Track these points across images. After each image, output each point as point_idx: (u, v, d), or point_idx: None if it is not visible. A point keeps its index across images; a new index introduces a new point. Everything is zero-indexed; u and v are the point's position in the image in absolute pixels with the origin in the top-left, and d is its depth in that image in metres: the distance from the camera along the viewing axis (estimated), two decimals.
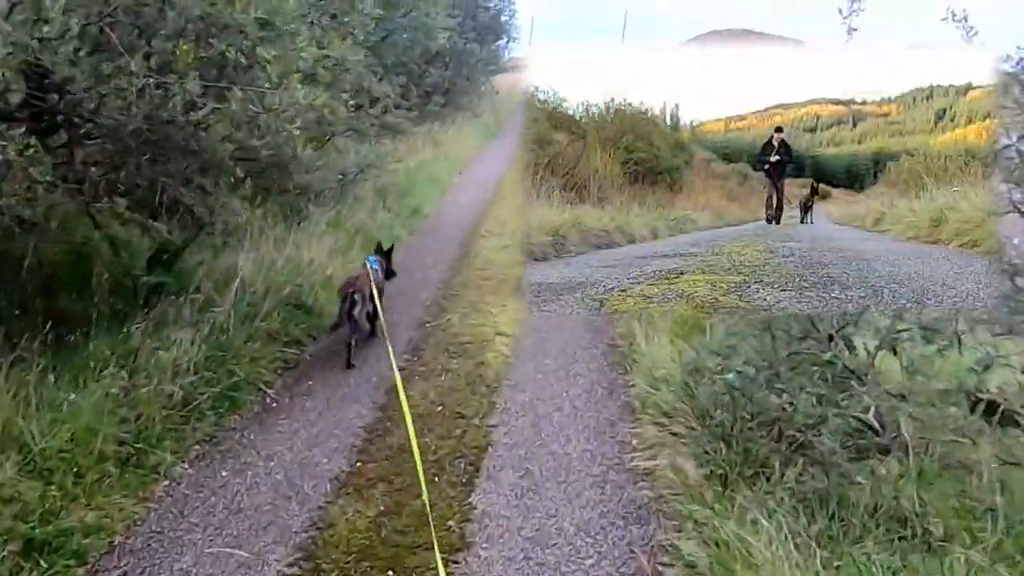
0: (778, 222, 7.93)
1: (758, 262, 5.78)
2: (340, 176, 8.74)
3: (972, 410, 4.10)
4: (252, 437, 4.40)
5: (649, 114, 8.37)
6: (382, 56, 10.13)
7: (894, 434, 3.70)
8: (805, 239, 7.36)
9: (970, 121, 7.08)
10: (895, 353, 3.96)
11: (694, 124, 8.80)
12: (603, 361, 5.52)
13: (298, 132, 4.39)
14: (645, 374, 4.95)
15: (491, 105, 20.19)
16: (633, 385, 5.02)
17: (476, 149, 15.70)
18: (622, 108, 8.32)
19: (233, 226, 6.44)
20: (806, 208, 8.23)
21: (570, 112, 8.08)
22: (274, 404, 4.82)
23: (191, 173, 5.30)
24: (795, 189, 8.24)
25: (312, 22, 5.66)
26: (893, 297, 4.67)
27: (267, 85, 4.21)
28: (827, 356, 3.71)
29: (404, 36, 9.79)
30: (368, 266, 5.99)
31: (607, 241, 7.23)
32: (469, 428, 4.52)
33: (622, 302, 4.87)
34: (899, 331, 3.92)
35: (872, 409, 3.70)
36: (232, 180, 5.17)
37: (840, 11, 3.95)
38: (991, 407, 4.17)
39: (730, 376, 3.70)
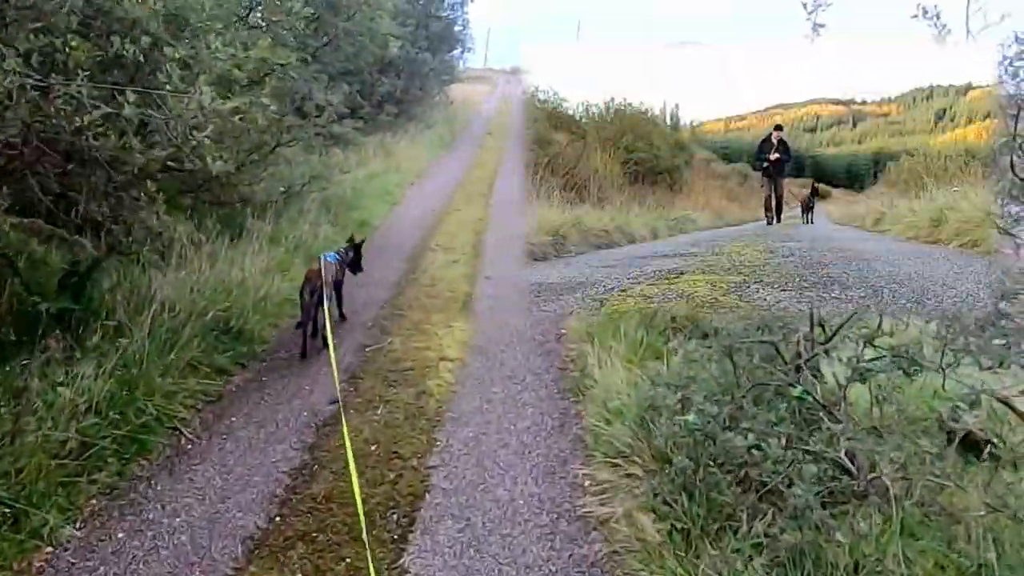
0: (778, 221, 7.75)
1: (758, 262, 5.60)
2: (283, 189, 8.19)
3: (948, 441, 3.74)
4: (159, 487, 3.78)
5: (649, 114, 8.24)
6: (327, 64, 9.56)
7: (871, 475, 3.28)
8: (805, 239, 7.16)
9: (970, 121, 6.98)
10: (863, 381, 3.56)
11: (694, 124, 8.67)
12: (554, 388, 5.03)
13: (208, 141, 3.80)
14: (598, 404, 4.47)
15: (445, 115, 19.65)
16: (585, 415, 4.54)
17: (429, 160, 15.13)
18: (622, 108, 8.21)
19: (159, 243, 5.87)
20: (806, 208, 8.09)
21: (570, 112, 7.95)
22: (189, 446, 4.21)
23: (106, 186, 4.74)
24: (795, 189, 8.10)
25: (239, 21, 5.08)
26: (893, 297, 4.48)
27: (168, 88, 3.62)
28: (797, 392, 3.27)
29: (349, 42, 9.18)
30: (323, 260, 5.66)
31: (607, 241, 7.07)
32: (406, 471, 3.97)
33: (622, 302, 4.64)
34: (871, 360, 3.52)
35: (845, 450, 3.29)
36: (145, 195, 4.59)
37: (804, 6, 3.53)
38: (967, 438, 3.82)
39: (691, 418, 3.24)
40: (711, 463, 3.25)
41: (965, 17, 3.25)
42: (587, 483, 3.84)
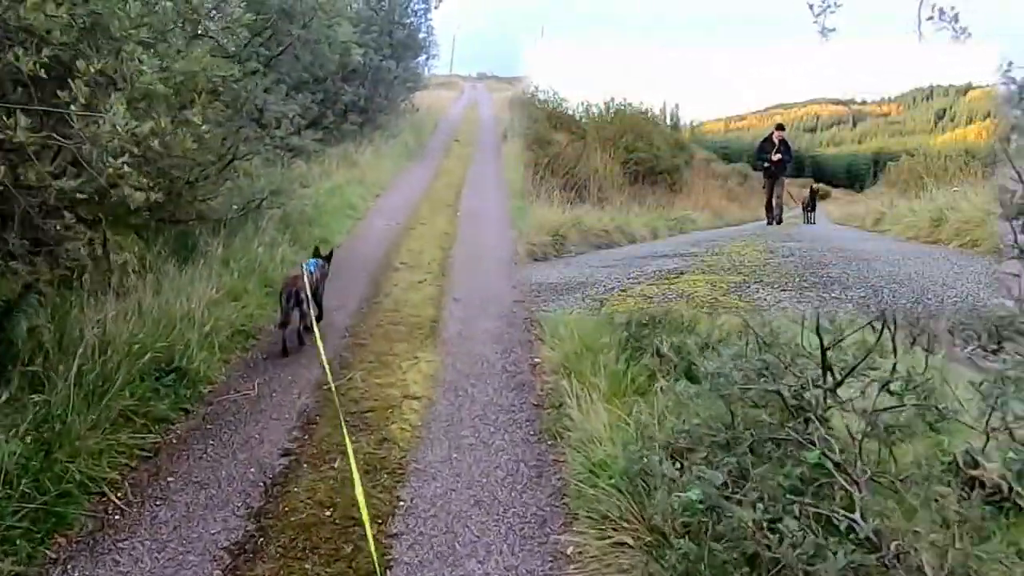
0: (779, 222, 7.52)
1: (758, 262, 5.56)
2: (235, 206, 7.57)
3: (969, 489, 3.31)
4: (76, 574, 3.18)
5: (649, 114, 8.11)
6: (285, 73, 8.91)
7: (895, 544, 2.81)
8: (805, 239, 7.09)
9: (970, 121, 6.88)
10: (883, 439, 3.10)
11: (694, 124, 8.53)
12: (529, 429, 4.50)
13: (127, 167, 3.19)
14: (579, 451, 3.97)
15: (410, 123, 19.02)
16: (565, 464, 4.03)
17: (395, 170, 14.50)
18: (622, 108, 8.20)
19: (94, 274, 5.26)
20: (807, 209, 7.91)
21: (570, 112, 7.99)
22: (117, 515, 3.59)
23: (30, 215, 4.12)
24: (794, 189, 7.94)
25: (174, 29, 4.46)
26: (893, 297, 4.37)
27: (73, 107, 3.02)
28: (813, 457, 2.79)
29: (307, 51, 8.55)
30: (305, 269, 5.77)
31: (607, 241, 7.05)
32: (365, 541, 3.40)
33: (622, 302, 4.50)
34: (890, 409, 3.07)
35: (868, 520, 2.81)
36: (64, 225, 3.98)
37: (811, 7, 3.10)
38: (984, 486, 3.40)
39: (693, 494, 2.73)
40: (716, 541, 2.75)
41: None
42: (570, 550, 3.33)
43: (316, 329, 4.72)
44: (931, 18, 2.93)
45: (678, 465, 3.14)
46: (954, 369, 3.80)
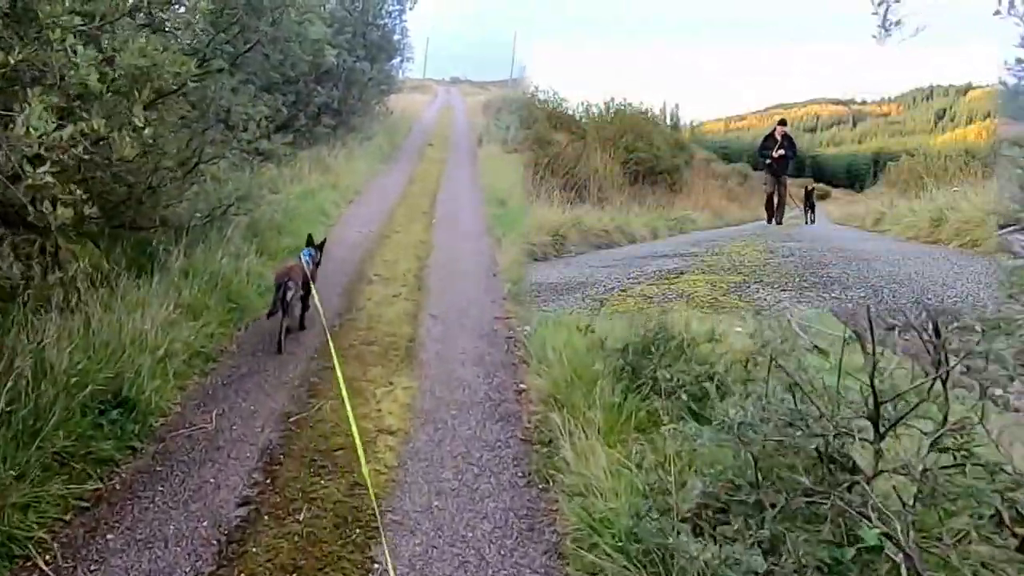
0: (779, 222, 7.26)
1: (758, 262, 5.46)
2: (198, 214, 6.96)
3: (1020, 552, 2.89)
4: None
5: (649, 114, 7.95)
6: (253, 73, 8.27)
7: None
8: (805, 239, 6.94)
9: (970, 121, 6.76)
10: (943, 507, 2.66)
11: (694, 124, 8.35)
12: (517, 471, 3.99)
13: (50, 177, 2.61)
14: (574, 498, 3.48)
15: (384, 126, 18.38)
16: (558, 511, 3.54)
17: (368, 174, 13.86)
18: (622, 108, 8.04)
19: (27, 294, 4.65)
20: (807, 209, 7.75)
21: (570, 112, 7.85)
22: None
23: None
24: (794, 189, 7.77)
25: (123, 18, 3.88)
26: (893, 297, 4.29)
27: None
28: (871, 537, 2.32)
29: (277, 49, 7.94)
30: (301, 258, 5.85)
31: (607, 241, 6.98)
32: None
33: (622, 302, 4.35)
34: (947, 468, 2.64)
35: None
36: None
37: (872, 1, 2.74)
38: None
39: None
40: None
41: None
42: None
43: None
44: (998, 12, 2.52)
45: (697, 530, 2.66)
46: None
